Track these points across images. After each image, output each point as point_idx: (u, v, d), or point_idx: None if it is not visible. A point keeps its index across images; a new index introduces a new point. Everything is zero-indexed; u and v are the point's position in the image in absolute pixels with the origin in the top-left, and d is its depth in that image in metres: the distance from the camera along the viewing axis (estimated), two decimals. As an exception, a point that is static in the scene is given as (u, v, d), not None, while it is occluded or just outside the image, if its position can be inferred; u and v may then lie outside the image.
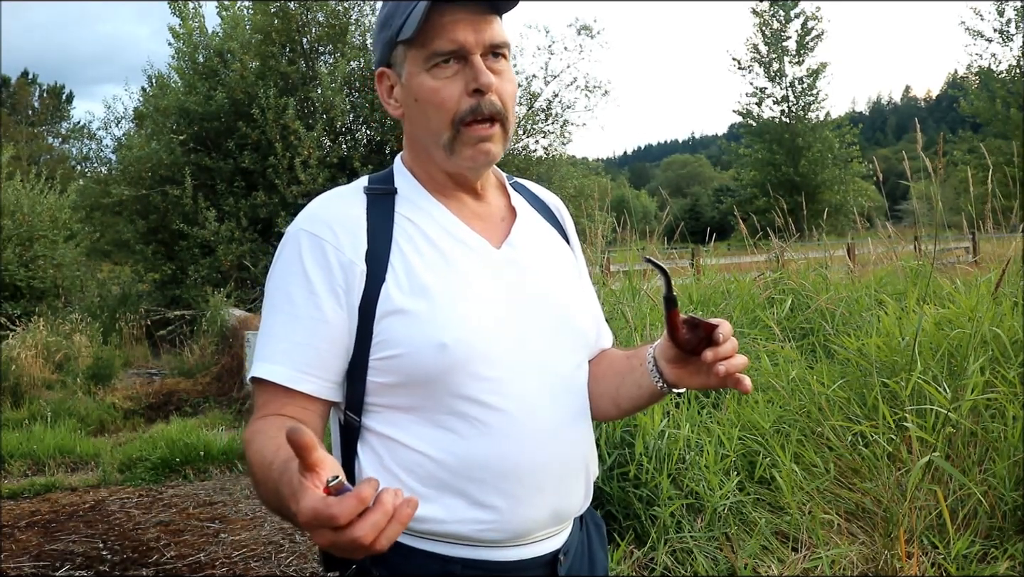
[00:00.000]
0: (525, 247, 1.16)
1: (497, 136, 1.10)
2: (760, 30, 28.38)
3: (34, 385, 7.56)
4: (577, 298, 1.20)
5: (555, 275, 1.18)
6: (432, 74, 1.07)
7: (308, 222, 1.09)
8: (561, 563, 1.13)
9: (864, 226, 6.64)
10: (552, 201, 1.31)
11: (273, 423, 1.01)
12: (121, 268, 15.84)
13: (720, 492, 2.85)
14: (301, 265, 1.06)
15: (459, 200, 1.15)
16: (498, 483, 1.05)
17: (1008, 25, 21.70)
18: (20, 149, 28.66)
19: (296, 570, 3.49)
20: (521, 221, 1.19)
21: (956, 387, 3.02)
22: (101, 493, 4.75)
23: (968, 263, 6.23)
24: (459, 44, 1.05)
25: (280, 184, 11.09)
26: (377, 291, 1.05)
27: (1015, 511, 2.66)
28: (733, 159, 33.57)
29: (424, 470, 1.05)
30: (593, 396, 1.21)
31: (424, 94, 1.07)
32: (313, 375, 1.04)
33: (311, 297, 1.05)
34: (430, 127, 1.09)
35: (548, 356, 1.11)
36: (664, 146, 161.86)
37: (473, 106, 1.07)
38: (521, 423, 1.06)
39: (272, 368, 1.04)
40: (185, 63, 12.91)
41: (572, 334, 1.16)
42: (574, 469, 1.14)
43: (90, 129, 30.65)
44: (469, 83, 1.06)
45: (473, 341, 1.04)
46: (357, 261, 1.06)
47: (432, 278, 1.06)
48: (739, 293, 5.08)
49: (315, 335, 1.04)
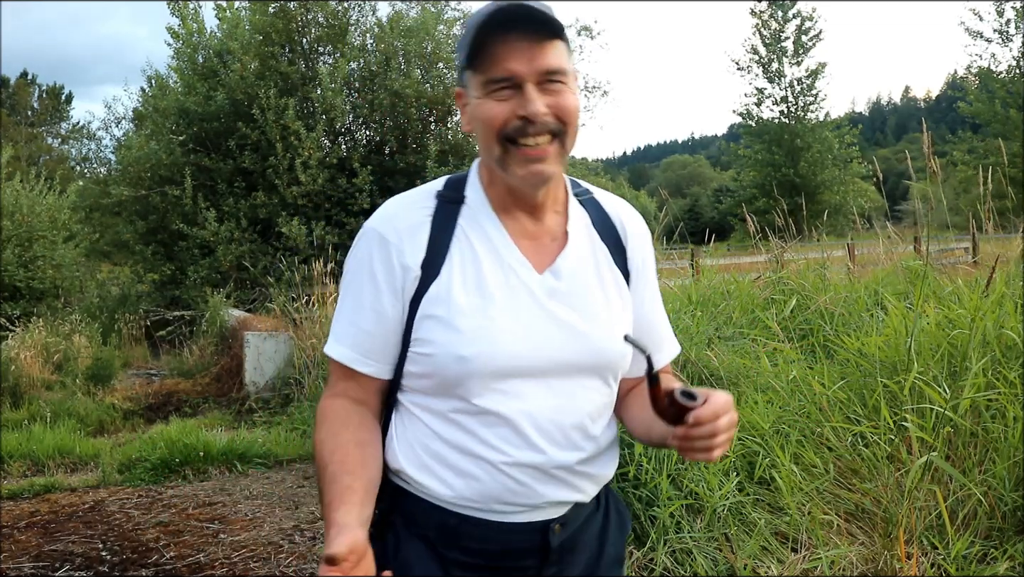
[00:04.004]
0: (567, 275, 1.22)
1: (552, 155, 1.15)
2: (758, 30, 28.39)
3: (33, 386, 7.55)
4: (609, 327, 1.23)
5: (591, 304, 1.22)
6: (488, 97, 1.14)
7: (381, 223, 1.22)
8: (554, 532, 1.21)
9: (864, 227, 6.64)
10: (619, 215, 1.32)
11: (338, 412, 1.21)
12: (120, 269, 15.85)
13: (719, 493, 2.85)
14: (370, 262, 1.20)
15: (515, 218, 1.23)
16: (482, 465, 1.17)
17: (1007, 25, 21.71)
18: (19, 149, 28.66)
19: (296, 570, 3.49)
20: (571, 247, 1.24)
21: (956, 387, 3.02)
22: (100, 494, 4.75)
23: (968, 263, 6.24)
24: (511, 73, 1.12)
25: (280, 184, 11.09)
26: (423, 294, 1.18)
27: (1015, 511, 2.66)
28: (732, 160, 33.57)
29: (433, 445, 1.20)
30: (634, 419, 1.32)
31: (479, 114, 1.15)
32: (373, 360, 1.21)
33: (376, 292, 1.19)
34: (486, 143, 1.17)
35: (560, 380, 1.19)
36: (663, 146, 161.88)
37: (520, 127, 1.13)
38: (516, 429, 1.17)
39: (341, 350, 1.22)
40: (184, 63, 12.90)
41: (593, 363, 1.22)
42: (564, 473, 1.20)
43: (90, 129, 30.65)
44: (517, 109, 1.12)
45: (490, 357, 1.14)
46: (414, 267, 1.18)
47: (469, 293, 1.17)
48: (739, 294, 5.08)
49: (377, 325, 1.20)
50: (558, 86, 1.13)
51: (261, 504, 4.44)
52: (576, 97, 1.17)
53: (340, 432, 1.17)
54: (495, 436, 1.16)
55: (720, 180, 57.68)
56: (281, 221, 10.76)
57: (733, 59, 28.93)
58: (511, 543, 1.20)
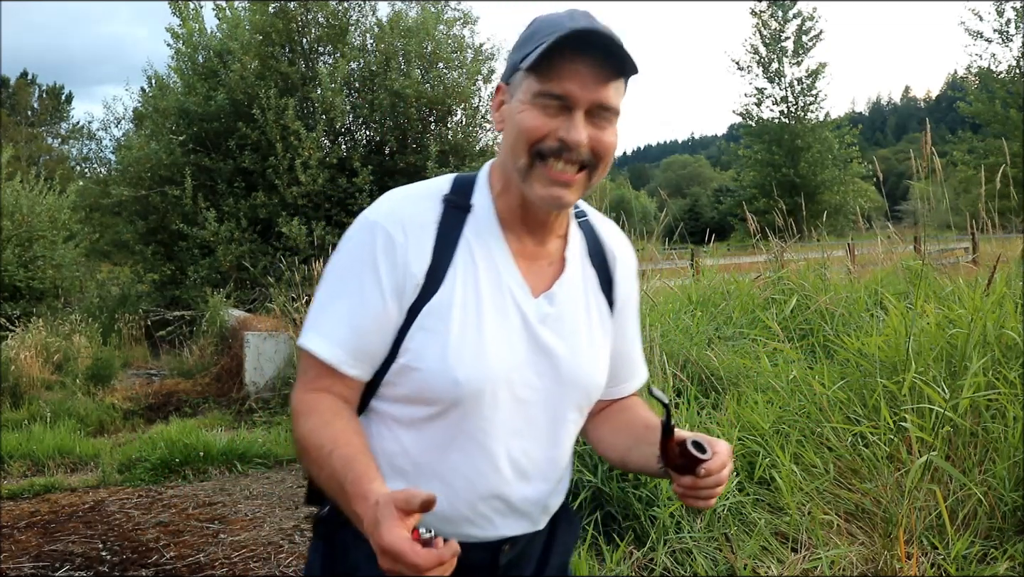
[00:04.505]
0: (560, 301, 1.20)
1: (577, 185, 1.13)
2: (758, 30, 28.40)
3: (33, 386, 7.55)
4: (593, 359, 1.24)
5: (578, 335, 1.22)
6: (534, 105, 1.10)
7: (387, 218, 1.14)
8: (504, 552, 1.21)
9: (864, 227, 6.64)
10: (612, 245, 1.31)
11: (325, 403, 1.13)
12: (120, 269, 15.84)
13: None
14: (373, 258, 1.13)
15: (519, 236, 1.20)
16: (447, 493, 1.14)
17: (1008, 26, 21.71)
18: (19, 149, 28.66)
19: (296, 571, 3.49)
20: (567, 275, 1.22)
21: (956, 387, 3.02)
22: (100, 494, 4.75)
23: (967, 263, 6.24)
24: (567, 93, 1.08)
25: (280, 184, 11.09)
26: (423, 304, 1.13)
27: (1015, 511, 2.66)
28: (732, 160, 33.59)
29: (398, 460, 1.17)
30: (604, 441, 1.32)
31: (519, 119, 1.11)
32: (365, 362, 1.15)
33: (379, 291, 1.12)
34: (514, 149, 1.12)
35: (541, 410, 1.19)
36: (663, 147, 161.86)
37: (555, 148, 1.10)
38: (489, 458, 1.16)
39: (329, 348, 1.13)
40: (185, 64, 12.90)
41: (574, 395, 1.22)
42: (527, 506, 1.21)
43: (90, 129, 30.64)
44: (560, 130, 1.09)
45: (482, 384, 1.12)
46: (418, 274, 1.13)
47: (468, 313, 1.13)
48: (739, 294, 5.08)
49: (373, 326, 1.13)
50: (605, 122, 1.12)
51: (261, 504, 4.44)
52: (616, 137, 1.15)
53: (334, 421, 1.11)
54: (467, 464, 1.14)
55: (720, 180, 57.68)
56: (281, 221, 10.75)
57: (733, 59, 28.97)
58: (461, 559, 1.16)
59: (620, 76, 1.12)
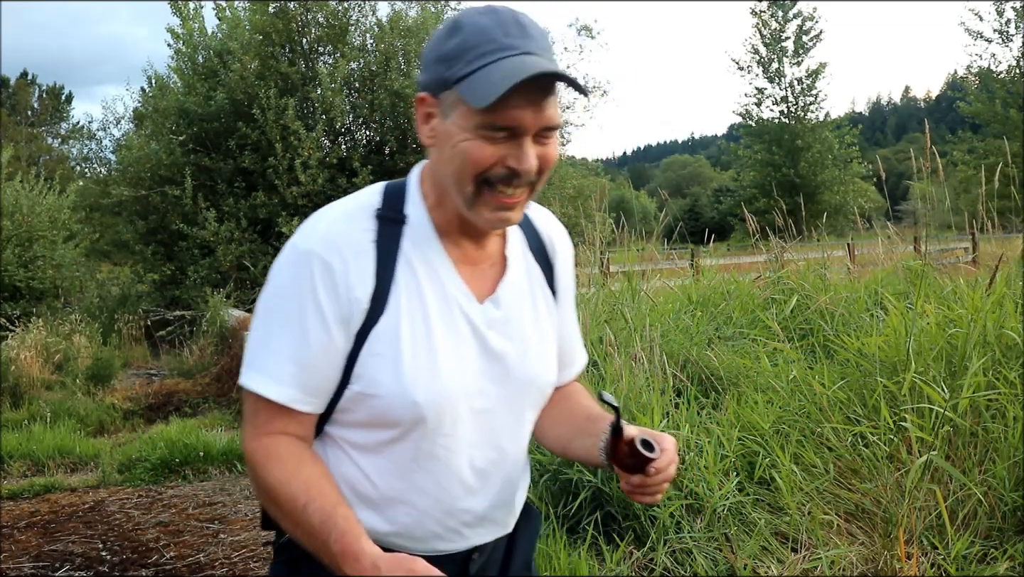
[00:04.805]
0: (506, 304, 1.18)
1: (522, 203, 1.10)
2: (759, 30, 28.41)
3: (33, 386, 7.55)
4: (544, 356, 1.23)
5: (528, 334, 1.20)
6: (478, 136, 1.04)
7: (321, 246, 1.08)
8: (474, 560, 1.21)
9: (864, 227, 6.65)
10: (550, 235, 1.30)
11: (285, 449, 1.09)
12: (120, 269, 15.84)
13: (720, 493, 2.85)
14: (312, 290, 1.07)
15: (458, 244, 1.16)
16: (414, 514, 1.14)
17: (1008, 26, 21.73)
18: (19, 149, 28.66)
19: (296, 571, 3.49)
20: (510, 275, 1.20)
21: (956, 387, 3.02)
22: (101, 494, 4.75)
23: (967, 263, 6.24)
24: (516, 124, 1.04)
25: (280, 185, 11.09)
26: (370, 328, 1.09)
27: (1015, 511, 2.66)
28: (732, 160, 33.60)
29: (359, 486, 1.14)
30: (545, 430, 1.31)
31: (464, 148, 1.05)
32: (314, 397, 1.10)
33: (322, 324, 1.07)
34: (458, 177, 1.07)
35: (500, 416, 1.18)
36: (664, 147, 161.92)
37: (504, 176, 1.06)
38: (453, 472, 1.14)
39: (278, 389, 1.08)
40: (185, 64, 12.91)
41: (530, 395, 1.21)
42: (494, 511, 1.21)
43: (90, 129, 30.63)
44: (509, 158, 1.05)
45: (440, 401, 1.10)
46: (363, 299, 1.08)
47: (416, 330, 1.10)
48: (739, 294, 5.08)
49: (322, 361, 1.08)
50: (549, 139, 1.08)
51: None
52: (557, 149, 1.11)
53: (300, 469, 1.07)
54: (432, 483, 1.13)
55: (720, 180, 57.70)
56: (281, 221, 10.76)
57: (733, 59, 28.97)
58: None
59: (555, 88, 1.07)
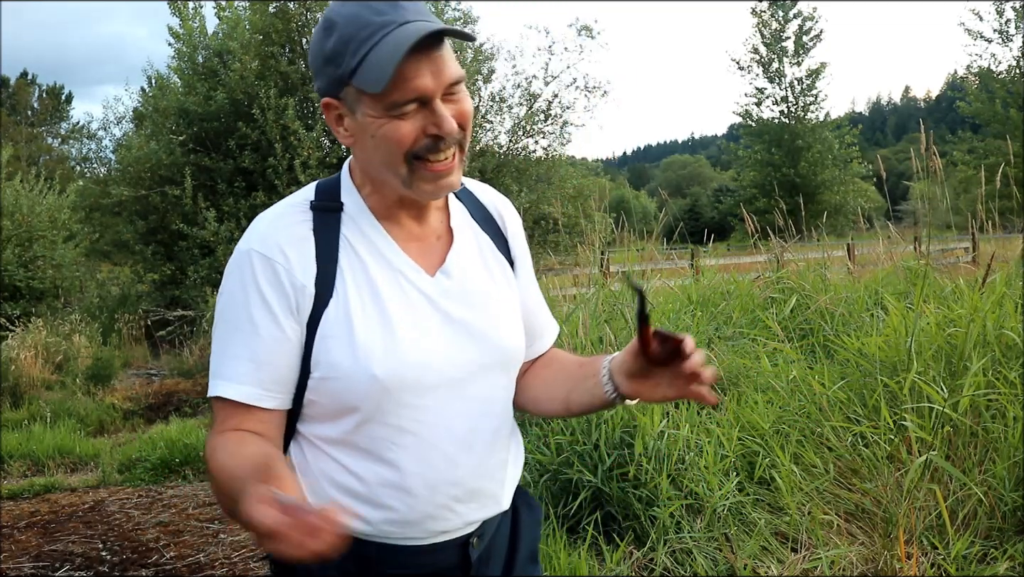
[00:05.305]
0: (458, 273, 1.18)
1: (457, 165, 1.10)
2: (759, 30, 28.42)
3: (33, 386, 7.56)
4: (508, 320, 1.22)
5: (486, 300, 1.20)
6: (391, 117, 1.04)
7: (260, 243, 1.10)
8: (474, 546, 1.19)
9: (864, 227, 6.65)
10: (495, 205, 1.30)
11: (231, 438, 1.07)
12: (120, 269, 15.83)
13: (719, 493, 2.85)
14: (256, 286, 1.09)
15: (400, 223, 1.16)
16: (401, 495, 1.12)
17: (1007, 25, 21.73)
18: (19, 149, 28.67)
19: (295, 571, 3.49)
20: (457, 244, 1.20)
21: (956, 387, 3.02)
22: (101, 494, 4.75)
23: (967, 262, 6.24)
24: (419, 92, 1.03)
25: (280, 185, 11.09)
26: (321, 313, 1.09)
27: (1015, 511, 2.66)
28: (732, 160, 33.59)
29: (344, 481, 1.12)
30: (540, 397, 1.30)
31: (383, 133, 1.05)
32: (275, 391, 1.10)
33: (270, 316, 1.08)
34: (386, 161, 1.08)
35: (471, 383, 1.16)
36: (664, 146, 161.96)
37: (430, 145, 1.06)
38: (432, 445, 1.12)
39: (237, 388, 1.09)
40: (185, 63, 12.90)
41: (499, 359, 1.20)
42: (482, 482, 1.19)
43: (90, 129, 30.65)
44: (428, 127, 1.05)
45: (402, 373, 1.09)
46: (308, 284, 1.09)
47: (367, 308, 1.10)
48: (739, 294, 5.08)
49: (277, 353, 1.09)
50: (458, 93, 1.07)
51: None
52: (470, 100, 1.11)
53: (239, 450, 1.04)
54: (412, 459, 1.11)
55: (720, 180, 57.71)
56: (281, 221, 10.76)
57: (734, 59, 28.96)
58: (432, 564, 1.16)
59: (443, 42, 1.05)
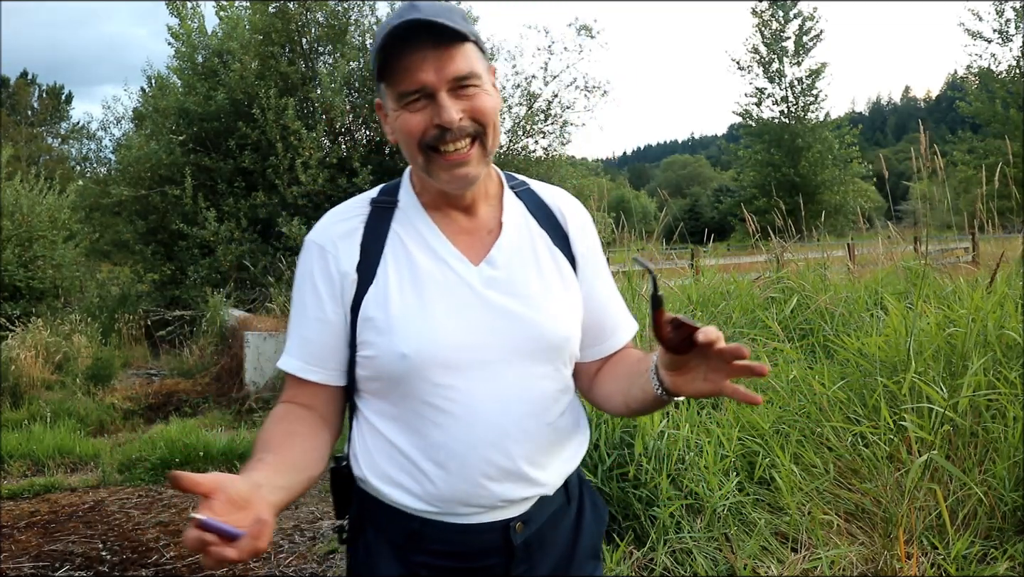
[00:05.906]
0: (503, 263, 1.22)
1: (475, 157, 1.17)
2: (759, 30, 28.42)
3: (33, 385, 7.55)
4: (553, 312, 1.23)
5: (532, 289, 1.22)
6: (404, 109, 1.15)
7: (318, 235, 1.25)
8: (516, 531, 1.21)
9: (864, 227, 6.65)
10: (557, 203, 1.33)
11: (279, 411, 1.22)
12: (120, 268, 15.83)
13: (719, 493, 2.85)
14: (311, 272, 1.23)
15: (449, 216, 1.24)
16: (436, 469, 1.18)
17: (1007, 25, 21.73)
18: (19, 149, 28.67)
19: (296, 570, 3.49)
20: (505, 236, 1.24)
21: (955, 387, 3.02)
22: (100, 493, 4.75)
23: (967, 263, 6.24)
24: (421, 84, 1.12)
25: (280, 184, 11.08)
26: (363, 297, 1.19)
27: (1015, 511, 2.66)
28: (732, 160, 33.60)
29: (386, 452, 1.21)
30: (606, 393, 1.31)
31: (398, 125, 1.16)
32: (319, 367, 1.23)
33: (318, 300, 1.22)
34: (409, 154, 1.19)
35: (507, 368, 1.19)
36: (664, 146, 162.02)
37: (438, 135, 1.14)
38: (465, 424, 1.17)
39: (287, 360, 1.24)
40: (184, 63, 12.90)
41: (537, 347, 1.21)
42: (518, 464, 1.20)
43: (89, 129, 30.64)
44: (433, 118, 1.13)
45: (432, 352, 1.15)
46: (350, 271, 1.20)
47: (405, 292, 1.18)
48: (739, 294, 5.08)
49: (321, 332, 1.22)
50: (472, 90, 1.14)
51: None
52: (493, 97, 1.17)
53: (273, 426, 1.19)
54: (445, 435, 1.16)
55: (720, 180, 57.71)
56: (281, 221, 10.75)
57: (734, 59, 28.97)
58: (473, 544, 1.20)
59: (461, 43, 1.13)
